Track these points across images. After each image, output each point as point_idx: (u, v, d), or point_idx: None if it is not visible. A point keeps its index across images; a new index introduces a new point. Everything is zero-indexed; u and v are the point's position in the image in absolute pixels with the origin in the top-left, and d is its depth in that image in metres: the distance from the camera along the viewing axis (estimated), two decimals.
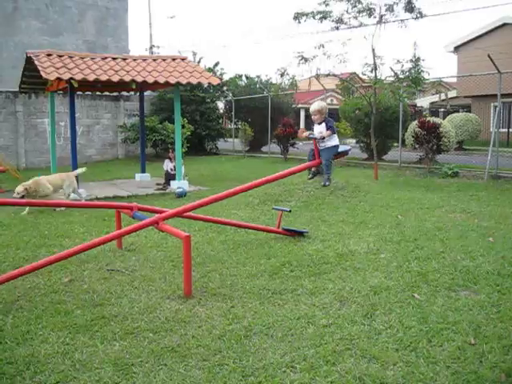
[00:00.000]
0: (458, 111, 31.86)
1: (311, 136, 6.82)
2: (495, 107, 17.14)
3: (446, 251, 6.57)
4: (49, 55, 12.76)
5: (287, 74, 15.29)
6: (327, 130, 6.66)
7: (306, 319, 4.50)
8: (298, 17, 14.23)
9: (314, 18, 14.10)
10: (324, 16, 14.06)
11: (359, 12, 13.93)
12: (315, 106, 6.84)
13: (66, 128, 20.93)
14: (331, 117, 7.21)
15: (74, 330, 4.34)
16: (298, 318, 4.52)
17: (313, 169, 6.87)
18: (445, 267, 5.88)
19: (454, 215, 9.13)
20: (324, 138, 6.65)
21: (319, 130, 6.73)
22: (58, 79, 11.95)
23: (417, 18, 13.91)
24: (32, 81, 14.49)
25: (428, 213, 9.35)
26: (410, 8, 13.71)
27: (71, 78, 11.87)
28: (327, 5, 13.99)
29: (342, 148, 6.94)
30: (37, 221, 9.17)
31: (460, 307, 4.67)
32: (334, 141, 6.75)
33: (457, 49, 34.45)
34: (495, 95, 15.44)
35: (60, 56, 12.88)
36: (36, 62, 12.20)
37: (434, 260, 6.19)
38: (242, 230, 7.90)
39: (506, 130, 29.12)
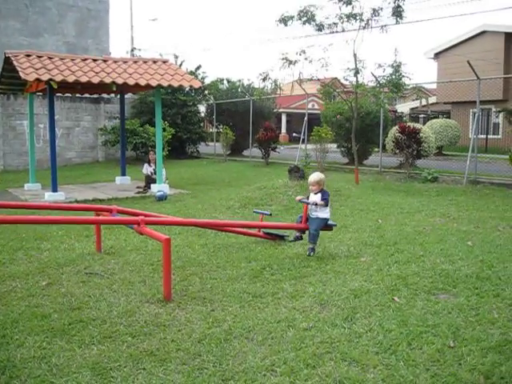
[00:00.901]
0: (437, 117, 32.13)
1: (303, 201, 6.86)
2: (474, 113, 17.33)
3: (425, 255, 6.60)
4: (28, 56, 12.63)
5: (269, 78, 15.26)
6: (322, 200, 6.72)
7: (286, 322, 4.48)
8: (283, 20, 14.22)
9: (300, 19, 14.08)
10: (307, 20, 14.07)
11: (347, 17, 13.95)
12: (315, 177, 6.89)
13: (45, 130, 20.80)
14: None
15: (51, 334, 4.28)
16: (279, 322, 4.50)
17: (297, 233, 6.87)
18: (424, 271, 5.91)
19: (434, 219, 9.19)
20: (316, 204, 6.70)
21: (314, 199, 6.79)
22: (37, 80, 11.83)
23: (397, 22, 13.95)
24: (10, 81, 14.32)
25: (408, 217, 9.40)
26: (398, 12, 13.74)
27: (50, 79, 11.76)
28: (309, 11, 14.00)
29: (330, 222, 6.98)
30: (14, 223, 9.03)
31: (439, 310, 4.68)
32: (326, 213, 6.81)
33: (437, 55, 34.77)
34: (474, 102, 15.62)
35: (39, 57, 12.75)
36: (15, 63, 12.07)
37: (414, 263, 6.22)
38: (222, 233, 7.87)
39: (485, 136, 29.43)
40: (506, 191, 12.70)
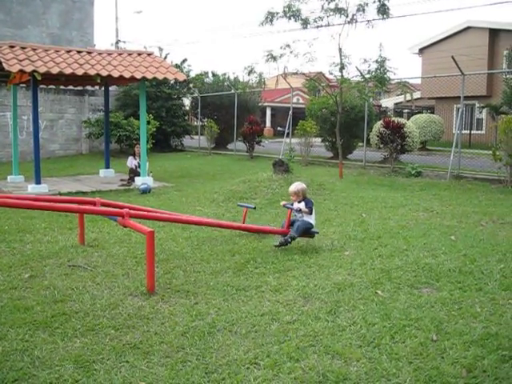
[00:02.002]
0: (421, 112, 32.30)
1: (287, 206, 6.87)
2: (458, 109, 17.44)
3: (409, 249, 6.64)
4: (12, 47, 12.49)
5: (254, 71, 15.24)
6: (306, 208, 6.75)
7: (269, 316, 4.49)
8: (269, 17, 14.20)
9: (285, 15, 14.07)
10: (292, 15, 14.06)
11: (332, 11, 13.96)
12: (293, 187, 6.96)
13: (28, 122, 20.56)
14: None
15: (34, 327, 4.25)
16: (262, 315, 4.51)
17: (281, 239, 6.85)
18: (408, 265, 5.94)
19: (417, 214, 9.25)
20: (300, 210, 6.73)
21: (299, 206, 6.82)
22: (21, 71, 11.71)
23: (384, 18, 13.99)
24: None
25: (392, 211, 9.45)
26: (383, 10, 13.78)
27: (34, 71, 11.64)
28: (294, 6, 13.99)
29: (314, 228, 6.97)
30: None
31: (422, 304, 4.71)
32: (311, 219, 6.82)
33: (421, 51, 34.94)
34: (458, 97, 15.69)
35: (23, 48, 12.62)
36: None
37: (397, 257, 6.25)
38: (206, 226, 7.85)
39: (468, 131, 29.63)
40: (488, 186, 12.80)
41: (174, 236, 7.50)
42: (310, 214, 6.81)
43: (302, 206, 6.82)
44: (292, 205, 6.91)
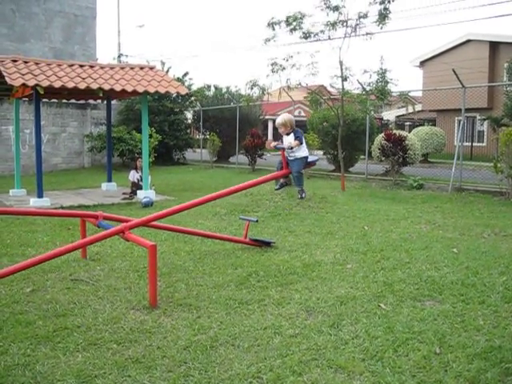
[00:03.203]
0: (423, 125, 32.36)
1: (278, 146, 6.75)
2: (459, 121, 17.47)
3: (411, 262, 6.63)
4: (14, 61, 12.55)
5: (257, 85, 15.29)
6: (295, 140, 6.61)
7: (272, 329, 4.47)
8: (272, 24, 14.28)
9: (287, 25, 14.15)
10: (294, 28, 14.14)
11: (333, 25, 14.02)
12: (279, 119, 6.79)
13: (31, 135, 20.66)
14: (299, 128, 7.19)
15: (36, 341, 4.24)
16: (265, 329, 4.49)
17: (281, 180, 6.77)
18: (410, 277, 5.93)
19: (420, 226, 9.24)
20: (292, 147, 6.59)
21: (288, 140, 6.68)
22: (24, 85, 11.76)
23: (381, 27, 13.96)
24: None
25: (394, 224, 9.44)
26: (383, 16, 13.76)
27: (37, 85, 11.69)
28: (297, 18, 14.08)
29: (310, 158, 6.89)
30: None
31: (425, 317, 4.70)
32: (304, 152, 6.69)
33: (422, 63, 35.10)
34: (459, 109, 15.75)
35: (26, 62, 12.68)
36: (1, 68, 11.99)
37: (400, 270, 6.24)
38: (208, 240, 7.85)
39: (470, 143, 29.67)
40: (490, 198, 12.79)
41: (176, 250, 7.49)
42: (301, 143, 6.66)
43: (291, 140, 6.65)
44: (282, 143, 6.80)
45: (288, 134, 6.71)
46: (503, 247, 7.48)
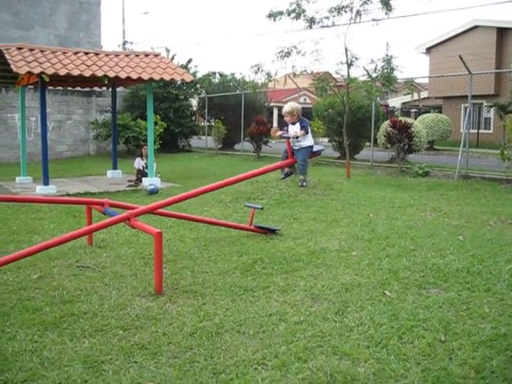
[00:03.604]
0: (429, 112, 32.21)
1: (284, 135, 6.75)
2: (466, 108, 17.38)
3: (416, 249, 6.62)
4: (20, 49, 12.54)
5: (262, 70, 15.23)
6: (301, 129, 6.60)
7: (277, 316, 4.49)
8: (272, 15, 14.23)
9: (289, 15, 14.12)
10: (298, 15, 14.07)
11: (337, 10, 13.94)
12: (286, 108, 6.79)
13: (36, 123, 20.70)
14: (305, 116, 7.18)
15: (43, 328, 4.27)
16: (270, 315, 4.51)
17: (286, 169, 6.77)
18: (415, 265, 5.93)
19: (425, 214, 9.23)
20: (297, 137, 6.58)
21: (294, 129, 6.68)
22: (29, 73, 11.76)
23: (387, 14, 13.90)
24: (2, 75, 14.21)
25: (399, 211, 9.43)
26: (385, 1, 13.67)
27: (42, 72, 11.69)
28: (299, 5, 14.02)
29: (315, 148, 6.89)
30: (5, 216, 9.01)
31: (430, 304, 4.70)
32: (309, 141, 6.69)
33: (429, 50, 34.86)
34: (466, 96, 15.65)
35: (31, 50, 12.67)
36: (6, 56, 11.99)
37: (405, 258, 6.24)
38: (214, 227, 7.87)
39: (476, 130, 29.53)
40: (496, 186, 12.75)
41: (182, 237, 7.51)
42: (307, 133, 6.66)
43: (297, 129, 6.64)
44: (287, 131, 6.80)
45: (294, 124, 6.71)
46: (509, 235, 7.47)
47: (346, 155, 15.72)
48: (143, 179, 13.76)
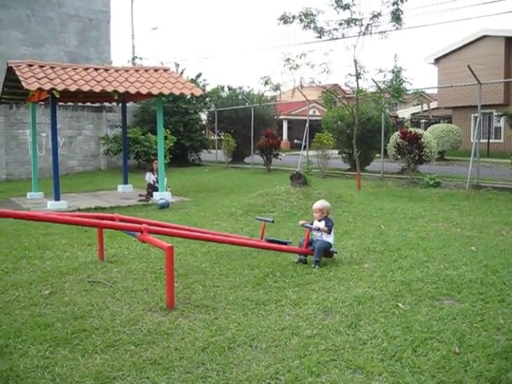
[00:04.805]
0: (438, 122, 32.12)
1: (306, 225, 6.84)
2: (475, 118, 17.32)
3: (429, 260, 6.58)
4: (30, 66, 12.67)
5: (271, 82, 15.26)
6: (325, 227, 6.72)
7: (290, 330, 4.46)
8: (284, 18, 14.28)
9: (300, 21, 14.16)
10: (308, 23, 14.13)
11: (347, 22, 14.01)
12: (318, 205, 6.92)
13: (47, 139, 20.80)
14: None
15: (54, 344, 4.26)
16: (282, 329, 4.48)
17: (301, 256, 6.83)
18: (428, 276, 5.88)
19: (437, 225, 9.17)
20: (319, 228, 6.69)
21: (318, 225, 6.80)
22: (40, 89, 11.87)
23: (397, 28, 13.99)
24: (13, 91, 14.38)
25: (411, 222, 9.38)
26: (396, 16, 13.74)
27: (53, 89, 11.79)
28: (310, 13, 14.08)
29: (333, 248, 6.95)
30: (17, 232, 9.05)
31: (444, 316, 4.66)
32: (330, 239, 6.80)
33: (437, 60, 34.83)
34: (475, 106, 15.60)
35: (41, 66, 12.80)
36: (17, 73, 12.11)
37: (418, 269, 6.20)
38: None
39: (487, 140, 29.40)
40: (508, 195, 12.66)
41: (193, 251, 7.50)
42: (329, 233, 6.77)
43: (321, 224, 6.77)
44: (312, 224, 6.88)
45: (320, 221, 6.81)
46: None
47: (356, 167, 15.70)
48: (154, 193, 13.78)
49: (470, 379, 3.55)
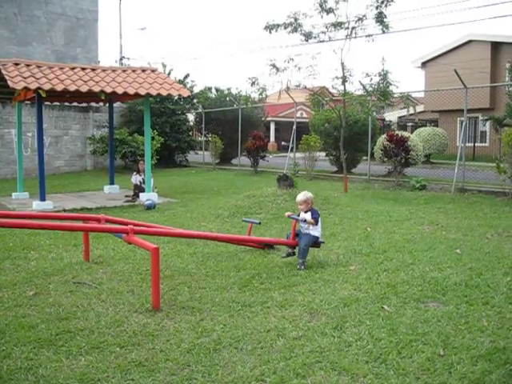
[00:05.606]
0: (425, 125, 32.32)
1: (292, 217, 6.85)
2: (461, 122, 17.44)
3: (414, 263, 6.61)
4: (16, 64, 12.58)
5: (258, 83, 15.24)
6: (312, 219, 6.72)
7: (275, 332, 4.46)
8: (269, 27, 14.30)
9: (285, 28, 14.20)
10: (294, 28, 14.16)
11: (333, 26, 14.05)
12: (301, 196, 6.90)
13: (33, 139, 20.66)
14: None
15: (39, 345, 4.23)
16: (268, 331, 4.48)
17: (289, 249, 6.85)
18: (414, 279, 5.91)
19: (422, 227, 9.22)
20: (305, 220, 6.69)
21: (304, 216, 6.80)
22: (26, 89, 11.78)
23: (383, 31, 14.06)
24: None
25: (397, 225, 9.42)
26: (380, 19, 13.82)
27: (39, 88, 11.71)
28: (296, 19, 14.11)
29: (320, 239, 6.96)
30: (1, 232, 8.96)
31: (429, 318, 4.68)
32: (317, 232, 6.80)
33: (424, 64, 35.05)
34: (461, 110, 15.72)
35: (28, 65, 12.71)
36: (3, 71, 12.01)
37: (403, 272, 6.22)
38: (211, 242, 7.84)
39: (472, 144, 29.61)
40: (493, 199, 12.76)
41: (179, 252, 7.49)
42: (316, 224, 6.77)
43: (307, 216, 6.77)
44: (298, 216, 6.89)
45: (306, 212, 6.81)
46: (507, 247, 7.46)
47: (343, 169, 15.73)
48: (140, 194, 13.74)
49: (454, 381, 3.57)
